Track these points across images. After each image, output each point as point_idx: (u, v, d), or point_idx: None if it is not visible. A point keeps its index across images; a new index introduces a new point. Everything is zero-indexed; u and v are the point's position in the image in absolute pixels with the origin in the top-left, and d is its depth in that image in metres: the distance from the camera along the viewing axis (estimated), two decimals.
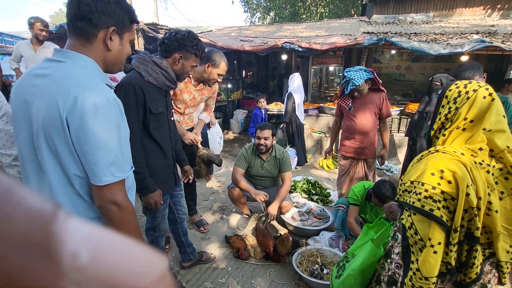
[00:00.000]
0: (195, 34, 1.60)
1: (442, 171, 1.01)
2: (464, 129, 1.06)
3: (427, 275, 1.01)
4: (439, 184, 1.01)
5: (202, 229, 2.74)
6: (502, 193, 1.06)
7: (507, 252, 1.06)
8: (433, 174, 1.03)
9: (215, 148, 3.46)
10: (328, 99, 6.38)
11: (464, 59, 4.58)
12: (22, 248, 0.16)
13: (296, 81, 4.33)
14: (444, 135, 1.11)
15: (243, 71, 8.65)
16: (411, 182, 1.08)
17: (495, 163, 1.05)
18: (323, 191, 3.44)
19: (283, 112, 4.53)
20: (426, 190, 1.02)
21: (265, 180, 2.83)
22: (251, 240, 2.45)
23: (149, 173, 1.52)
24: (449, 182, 1.00)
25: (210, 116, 2.68)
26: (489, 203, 1.01)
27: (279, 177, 2.87)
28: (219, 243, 2.59)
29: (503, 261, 1.07)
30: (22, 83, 0.87)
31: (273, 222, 2.94)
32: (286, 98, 4.37)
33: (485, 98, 1.03)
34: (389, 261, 1.28)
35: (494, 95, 1.03)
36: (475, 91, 1.04)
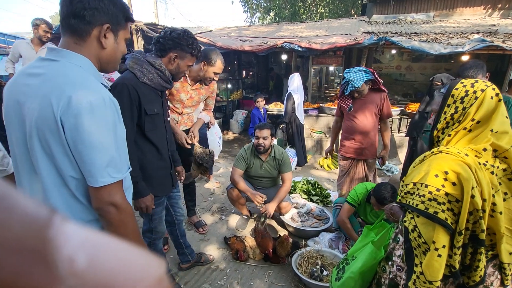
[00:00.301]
0: (191, 33, 1.56)
1: (446, 172, 0.99)
2: (470, 130, 1.04)
3: (431, 278, 0.99)
4: (443, 186, 0.98)
5: (201, 230, 2.72)
6: (505, 194, 1.04)
7: (510, 253, 1.05)
8: (437, 175, 1.00)
9: (214, 148, 3.44)
10: (328, 99, 6.36)
11: (465, 58, 4.55)
12: (17, 253, 0.16)
13: (296, 81, 4.30)
14: (449, 135, 1.09)
15: (243, 71, 8.64)
16: (414, 183, 1.06)
17: (499, 163, 1.03)
18: (323, 192, 3.42)
19: (283, 112, 4.52)
20: (430, 192, 1.00)
21: (264, 180, 2.81)
22: (250, 241, 2.43)
23: (141, 177, 1.49)
24: (454, 183, 0.97)
25: (209, 115, 2.65)
26: (493, 204, 1.00)
27: (279, 178, 2.85)
28: (218, 244, 2.57)
29: (506, 263, 1.05)
30: (14, 83, 0.86)
31: (272, 223, 2.93)
32: (285, 98, 4.35)
33: (492, 98, 1.01)
34: (390, 263, 1.26)
35: (500, 96, 1.01)
36: (483, 91, 1.01)
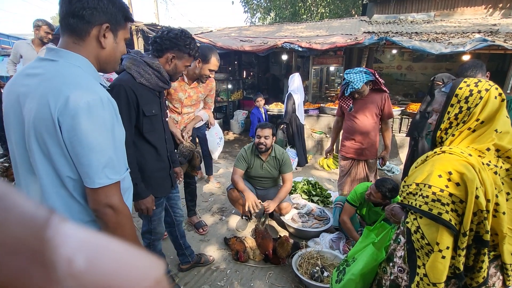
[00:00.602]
0: (188, 33, 1.54)
1: (450, 173, 0.98)
2: (473, 130, 1.03)
3: (435, 280, 0.98)
4: (447, 186, 0.97)
5: (201, 230, 2.70)
6: (508, 194, 1.03)
7: None
8: (440, 176, 0.99)
9: (214, 148, 3.42)
10: (328, 99, 6.35)
11: (466, 58, 4.54)
12: (15, 254, 0.15)
13: (296, 82, 4.29)
14: (453, 135, 1.07)
15: (244, 72, 8.63)
16: (417, 184, 1.05)
17: (502, 163, 1.02)
18: (324, 192, 3.40)
19: (283, 112, 4.50)
20: (433, 192, 0.98)
21: (265, 180, 2.80)
22: (251, 242, 2.42)
23: (141, 179, 1.48)
24: (458, 184, 0.96)
25: (208, 114, 2.64)
26: (496, 204, 0.99)
27: (279, 178, 2.83)
28: (218, 245, 2.55)
29: (508, 263, 1.04)
30: (13, 83, 0.85)
31: (273, 223, 2.91)
32: (286, 98, 4.34)
33: (496, 98, 1.00)
34: (391, 264, 1.25)
35: (503, 95, 1.01)
36: (487, 91, 1.01)
